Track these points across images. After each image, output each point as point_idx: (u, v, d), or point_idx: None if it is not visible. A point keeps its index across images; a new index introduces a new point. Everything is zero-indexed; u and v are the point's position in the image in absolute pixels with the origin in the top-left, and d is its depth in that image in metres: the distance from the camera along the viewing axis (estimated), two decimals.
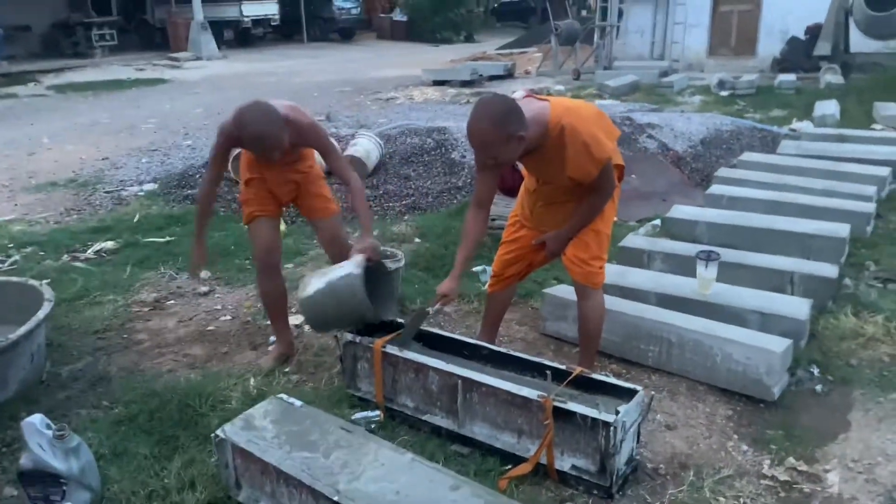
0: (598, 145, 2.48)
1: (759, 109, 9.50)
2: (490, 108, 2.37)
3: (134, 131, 9.33)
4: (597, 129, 2.51)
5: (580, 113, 2.53)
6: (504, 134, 2.36)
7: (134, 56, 19.23)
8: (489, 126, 2.36)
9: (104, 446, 2.57)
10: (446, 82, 13.30)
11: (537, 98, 2.59)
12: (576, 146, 2.46)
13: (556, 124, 2.46)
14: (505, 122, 2.35)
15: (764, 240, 4.15)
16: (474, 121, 2.39)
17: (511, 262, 3.01)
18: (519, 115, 2.37)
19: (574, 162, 2.50)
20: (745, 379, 2.87)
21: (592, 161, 2.50)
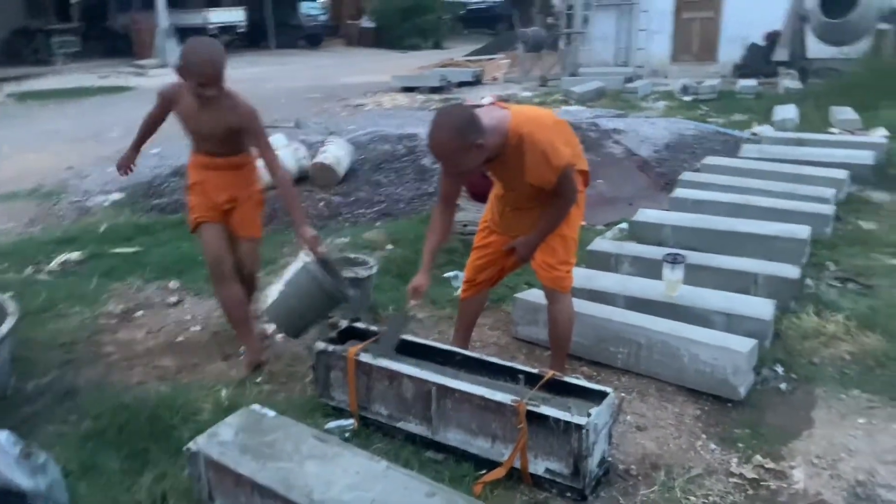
0: (555, 153, 2.54)
1: (721, 114, 9.70)
2: (448, 120, 2.43)
3: (99, 140, 9.17)
4: (555, 137, 2.58)
5: (540, 122, 2.59)
6: (463, 144, 2.41)
7: (97, 63, 18.93)
8: (448, 137, 2.41)
9: (72, 462, 2.53)
10: (415, 89, 13.33)
11: (500, 106, 2.64)
12: (534, 154, 2.53)
13: (515, 133, 2.52)
14: (463, 133, 2.40)
15: (728, 242, 4.25)
16: (434, 133, 2.45)
17: (482, 267, 3.04)
18: (476, 125, 2.42)
19: (533, 169, 2.57)
20: (713, 379, 2.94)
21: (550, 168, 2.56)
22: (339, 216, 5.58)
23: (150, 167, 7.28)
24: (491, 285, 3.17)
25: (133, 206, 5.99)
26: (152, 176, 6.84)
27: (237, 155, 3.19)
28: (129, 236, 5.16)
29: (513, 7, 22.88)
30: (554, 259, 2.82)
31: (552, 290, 2.88)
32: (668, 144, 7.33)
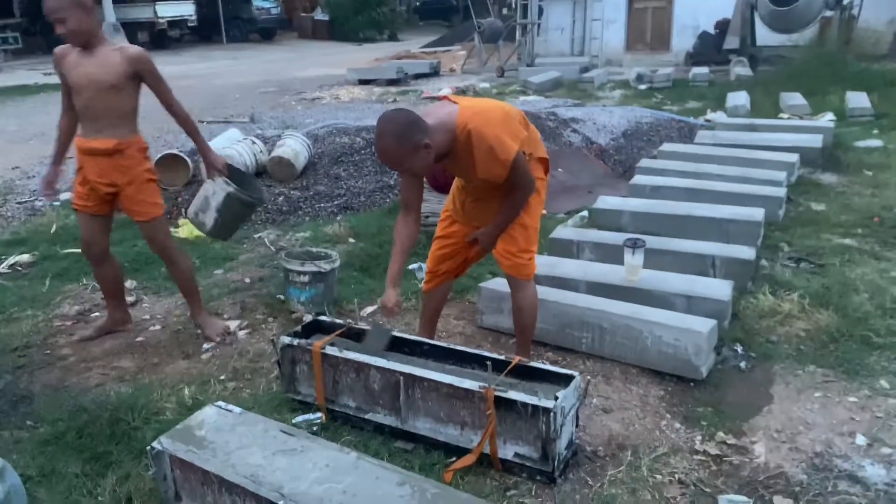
0: (502, 147, 2.54)
1: (675, 102, 9.88)
2: (390, 126, 2.43)
3: (45, 139, 8.86)
4: (501, 130, 2.57)
5: (485, 116, 2.58)
6: (408, 147, 2.41)
7: (40, 59, 18.34)
8: (393, 142, 2.41)
9: (31, 468, 2.46)
10: (372, 81, 13.25)
11: (450, 101, 2.64)
12: (481, 149, 2.54)
13: (462, 128, 2.53)
14: (406, 135, 2.40)
15: (685, 226, 4.33)
16: (379, 141, 2.45)
17: (444, 257, 3.04)
18: (419, 125, 2.42)
19: (482, 163, 2.58)
20: (675, 360, 2.99)
21: (498, 162, 2.57)
22: (299, 210, 5.51)
23: None
24: (454, 276, 3.17)
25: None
26: None
27: (118, 131, 3.15)
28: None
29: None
30: (515, 247, 2.83)
31: (514, 278, 2.90)
32: (625, 132, 7.43)
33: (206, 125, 9.37)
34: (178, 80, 14.87)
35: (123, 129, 3.17)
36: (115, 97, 3.08)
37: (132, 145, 3.21)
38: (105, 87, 3.05)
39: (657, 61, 13.63)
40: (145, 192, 3.27)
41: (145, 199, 3.27)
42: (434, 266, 3.07)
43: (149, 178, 3.29)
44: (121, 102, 3.11)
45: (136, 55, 3.09)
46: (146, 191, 3.27)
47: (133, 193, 3.24)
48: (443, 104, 2.63)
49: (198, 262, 4.48)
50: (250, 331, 3.57)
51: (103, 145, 3.14)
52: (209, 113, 10.38)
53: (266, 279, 4.20)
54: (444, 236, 3.02)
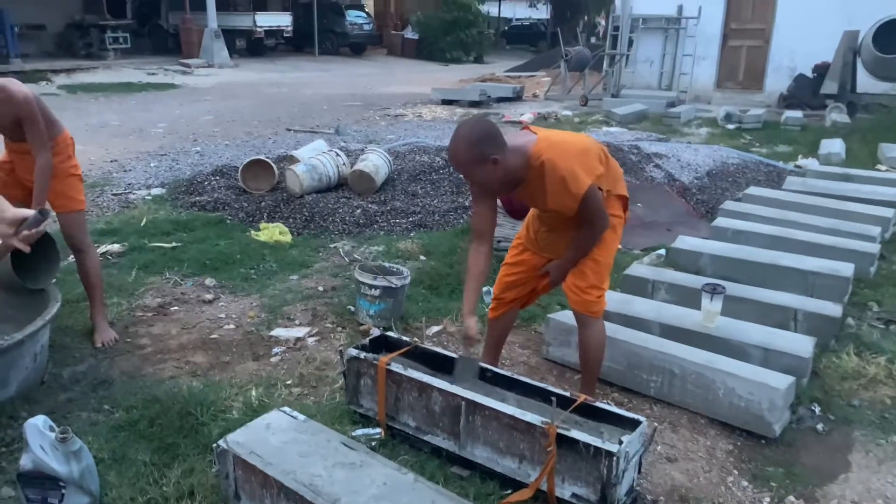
0: (574, 181, 2.53)
1: (765, 144, 9.57)
2: (468, 131, 2.47)
3: (143, 135, 9.38)
4: (576, 164, 2.56)
5: (562, 148, 2.58)
6: (478, 155, 2.44)
7: (146, 60, 19.39)
8: (465, 146, 2.45)
9: (104, 451, 2.56)
10: (455, 102, 13.41)
11: (530, 130, 2.67)
12: (554, 180, 2.54)
13: (536, 157, 2.54)
14: (479, 144, 2.43)
15: (767, 275, 4.17)
16: (453, 141, 2.50)
17: (511, 284, 3.01)
18: (494, 139, 2.45)
19: (553, 195, 2.58)
20: (747, 414, 2.87)
21: (570, 195, 2.56)
22: (375, 224, 5.61)
23: (190, 165, 7.44)
24: (521, 306, 3.15)
25: (173, 202, 6.10)
26: (193, 173, 6.98)
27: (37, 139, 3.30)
28: (168, 231, 5.25)
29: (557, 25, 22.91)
30: (584, 282, 2.79)
31: (581, 315, 2.86)
32: (709, 172, 7.25)
33: (294, 133, 9.70)
34: (271, 88, 15.51)
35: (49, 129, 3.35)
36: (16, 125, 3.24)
37: (58, 143, 3.43)
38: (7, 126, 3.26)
39: (748, 101, 13.26)
40: (66, 186, 3.47)
41: (66, 193, 3.47)
42: (500, 292, 3.05)
43: (72, 174, 3.51)
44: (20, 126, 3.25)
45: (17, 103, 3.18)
46: (68, 185, 3.48)
47: (56, 186, 3.42)
48: (524, 133, 2.65)
49: (275, 265, 4.63)
50: (319, 338, 3.64)
51: (26, 147, 3.32)
52: (297, 122, 10.74)
53: (338, 289, 4.28)
54: (514, 263, 3.00)
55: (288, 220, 5.58)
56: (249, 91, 14.78)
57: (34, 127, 3.26)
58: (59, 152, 3.44)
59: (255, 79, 17.17)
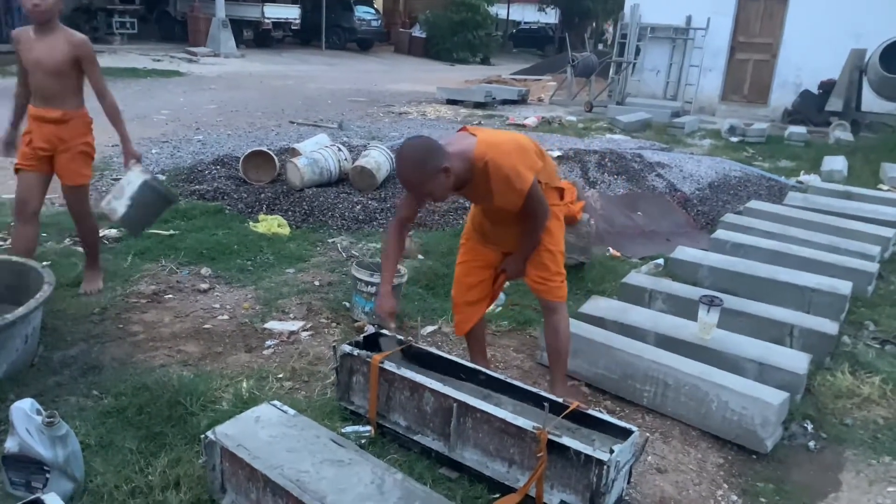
0: (518, 178, 2.64)
1: (767, 158, 9.56)
2: (411, 151, 2.55)
3: (146, 121, 9.34)
4: (517, 161, 2.67)
5: (503, 148, 2.68)
6: (428, 171, 2.52)
7: (152, 46, 19.34)
8: (413, 166, 2.53)
9: (90, 437, 2.54)
10: (460, 102, 13.38)
11: (469, 132, 2.75)
12: (498, 179, 2.64)
13: (480, 159, 2.62)
14: (426, 161, 2.51)
15: (765, 289, 4.16)
16: (399, 165, 2.58)
17: (471, 284, 3.03)
18: (438, 152, 2.53)
19: (499, 193, 2.68)
20: (739, 428, 2.86)
21: (515, 192, 2.67)
22: (374, 221, 5.58)
23: (192, 153, 7.41)
24: (486, 307, 3.14)
25: (173, 189, 6.06)
26: (194, 161, 6.95)
27: (65, 104, 3.55)
28: (166, 219, 5.19)
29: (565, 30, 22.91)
30: (547, 272, 2.92)
31: (549, 301, 2.96)
32: (711, 183, 7.24)
33: (297, 126, 9.67)
34: (277, 80, 15.47)
35: (70, 102, 3.57)
36: (64, 70, 3.49)
37: (76, 118, 3.61)
38: (52, 67, 3.46)
39: (752, 114, 13.26)
40: (77, 161, 3.64)
41: (74, 167, 3.65)
42: (463, 295, 3.05)
43: (83, 150, 3.67)
44: (66, 81, 3.52)
45: (79, 43, 3.50)
46: (78, 160, 3.65)
47: (66, 160, 3.62)
48: (463, 135, 2.76)
49: (272, 258, 4.61)
50: (313, 333, 3.62)
51: (50, 114, 3.54)
52: (301, 115, 10.71)
53: (335, 284, 4.26)
54: (468, 261, 3.06)
55: (287, 212, 5.56)
56: (255, 82, 14.74)
57: (96, 68, 3.58)
58: (75, 126, 3.61)
59: (261, 70, 17.12)
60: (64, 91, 3.54)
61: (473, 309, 3.07)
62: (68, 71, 3.50)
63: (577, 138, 9.91)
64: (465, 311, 3.07)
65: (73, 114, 3.59)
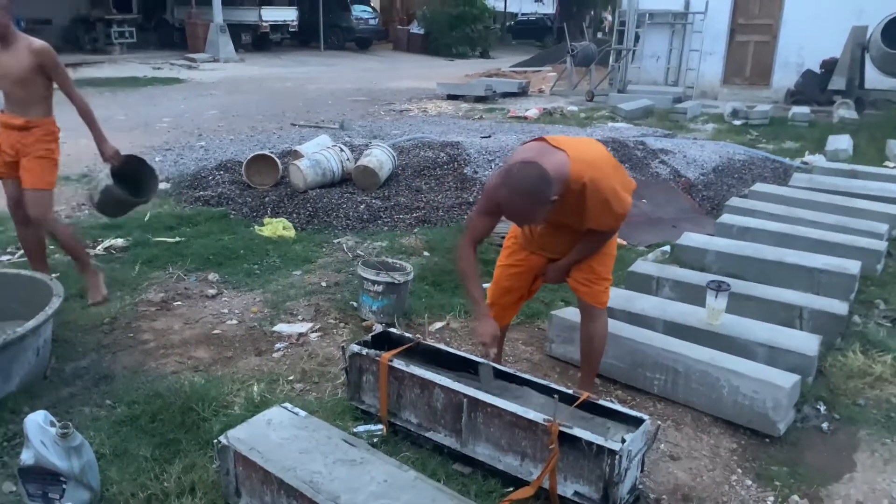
0: (618, 201, 2.55)
1: (771, 140, 9.51)
2: (523, 182, 2.37)
3: (148, 129, 9.38)
4: (616, 182, 2.56)
5: (599, 167, 2.55)
6: (540, 203, 2.39)
7: (151, 54, 19.38)
8: (526, 199, 2.38)
9: (105, 446, 2.56)
10: (460, 97, 13.37)
11: (553, 145, 2.57)
12: (596, 202, 2.52)
13: (577, 180, 2.49)
14: (538, 192, 2.37)
15: (773, 272, 4.14)
16: (511, 195, 2.40)
17: (509, 289, 2.97)
18: (549, 181, 2.38)
19: (594, 215, 2.56)
20: (751, 413, 2.85)
21: (612, 215, 2.58)
22: (378, 220, 5.59)
23: (195, 159, 7.43)
24: (513, 312, 3.12)
25: (177, 197, 6.10)
26: (197, 168, 6.97)
27: (29, 112, 3.65)
28: (171, 226, 5.24)
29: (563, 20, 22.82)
30: (592, 275, 2.79)
31: (590, 306, 2.84)
32: (715, 168, 7.20)
33: (298, 128, 9.68)
34: (277, 83, 15.48)
35: (35, 111, 3.67)
36: (30, 78, 3.58)
37: (40, 125, 3.70)
38: (17, 76, 3.56)
39: (755, 97, 13.19)
40: (37, 165, 3.71)
41: (34, 171, 3.71)
42: (499, 297, 3.00)
43: (43, 156, 3.73)
44: (32, 90, 3.61)
45: (39, 48, 3.57)
46: (38, 164, 3.72)
47: (26, 164, 3.71)
48: (547, 149, 2.55)
49: (278, 261, 4.62)
50: (322, 334, 3.63)
51: (14, 121, 3.67)
52: (302, 116, 10.72)
53: (341, 284, 4.27)
54: (511, 265, 2.96)
55: (292, 215, 5.57)
56: (255, 86, 14.76)
57: (61, 72, 3.66)
58: (37, 133, 3.70)
59: (261, 73, 17.14)
60: (29, 99, 3.63)
61: (508, 310, 3.04)
62: (33, 78, 3.59)
63: (580, 128, 9.88)
64: (498, 311, 2.99)
65: (37, 122, 3.68)
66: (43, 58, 3.57)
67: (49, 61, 3.60)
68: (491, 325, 2.68)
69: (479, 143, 7.42)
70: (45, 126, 3.72)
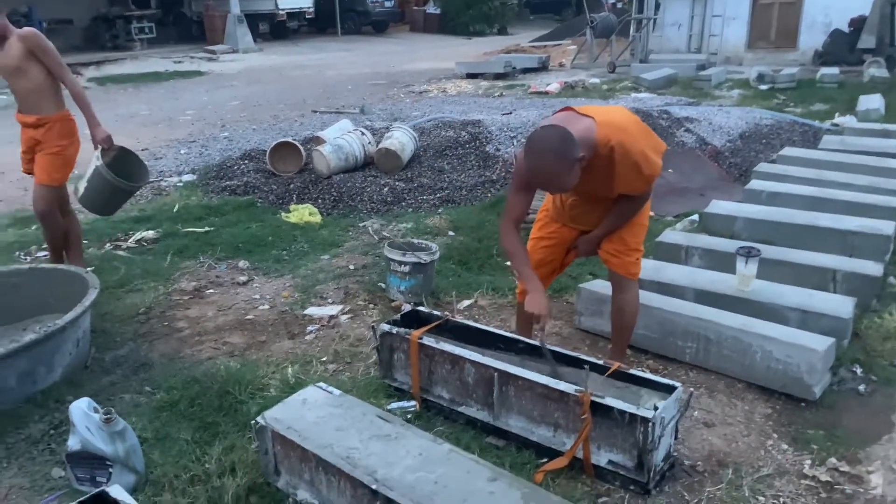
0: (647, 163, 2.49)
1: (799, 104, 9.31)
2: (546, 143, 2.35)
3: (172, 123, 9.49)
4: (645, 146, 2.51)
5: (628, 130, 2.50)
6: (568, 163, 2.34)
7: (172, 48, 19.54)
8: (552, 159, 2.34)
9: (147, 431, 2.64)
10: (480, 75, 13.28)
11: (579, 112, 2.54)
12: (626, 165, 2.47)
13: (604, 143, 2.44)
14: (564, 151, 2.33)
15: (805, 236, 4.08)
16: (534, 158, 2.38)
17: (542, 261, 2.94)
18: (573, 141, 2.35)
19: (623, 179, 2.51)
20: (786, 377, 2.83)
21: (642, 178, 2.52)
22: (402, 202, 5.61)
23: (219, 150, 7.52)
24: (547, 283, 3.11)
25: (204, 188, 6.17)
26: (223, 158, 7.04)
27: (40, 109, 3.70)
28: (200, 216, 5.32)
29: None
30: (623, 246, 2.76)
31: (621, 277, 2.81)
32: (742, 134, 7.08)
33: (319, 115, 9.72)
34: (296, 70, 15.53)
35: (45, 107, 3.72)
36: (27, 78, 3.62)
37: (53, 121, 3.75)
38: (13, 70, 3.60)
39: (781, 60, 12.88)
40: (46, 161, 3.78)
41: (43, 167, 3.78)
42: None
43: (53, 153, 3.78)
44: (32, 81, 3.64)
45: (25, 33, 3.59)
46: (47, 160, 3.78)
47: (38, 159, 3.79)
48: (573, 116, 2.52)
49: (306, 246, 4.67)
50: (352, 316, 3.67)
51: (28, 119, 3.75)
52: (322, 103, 10.75)
53: (369, 266, 4.30)
54: (543, 237, 2.94)
55: (317, 200, 5.62)
56: (274, 75, 14.82)
57: (52, 57, 3.63)
58: (50, 129, 3.73)
59: (280, 62, 17.20)
60: (37, 94, 3.67)
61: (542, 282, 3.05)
62: (29, 68, 3.60)
63: (602, 100, 9.77)
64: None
65: (49, 118, 3.73)
66: (29, 42, 3.57)
67: (35, 45, 3.58)
68: (544, 299, 2.61)
69: (500, 120, 7.39)
70: (59, 121, 3.77)
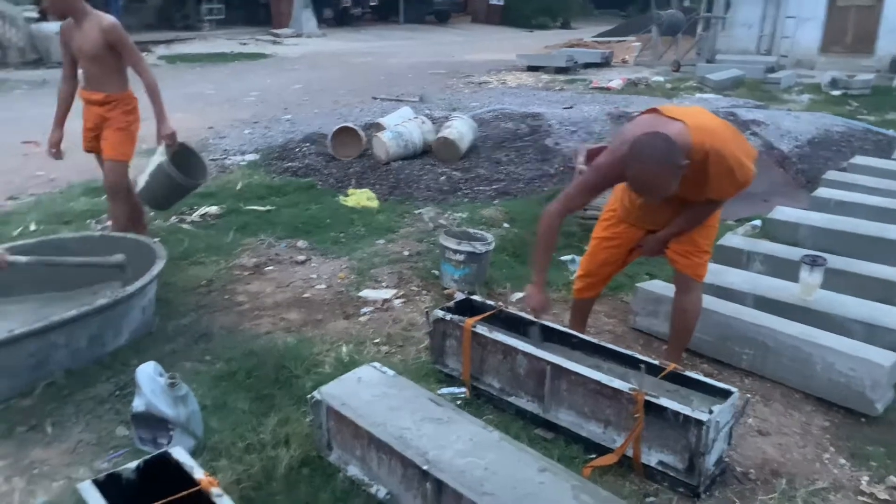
0: (741, 170, 2.47)
1: (873, 111, 8.96)
2: (651, 151, 2.33)
3: (236, 103, 9.71)
4: (738, 151, 2.48)
5: (721, 135, 2.47)
6: (673, 172, 2.34)
7: (238, 30, 19.95)
8: (659, 169, 2.33)
9: (206, 398, 2.73)
10: (541, 68, 13.19)
11: (667, 115, 2.50)
12: (720, 171, 2.45)
13: (699, 149, 2.41)
14: (669, 160, 2.32)
15: (872, 248, 3.95)
16: (640, 167, 2.35)
17: (605, 261, 2.94)
18: (678, 148, 2.33)
19: (717, 185, 2.50)
20: (847, 391, 2.75)
21: (735, 184, 2.51)
22: (459, 191, 5.63)
23: (282, 132, 7.66)
24: (606, 283, 3.10)
25: (266, 168, 6.31)
26: (285, 140, 7.18)
27: (107, 87, 3.82)
28: (262, 195, 5.45)
29: None
30: (693, 247, 2.74)
31: (687, 279, 2.78)
32: (811, 140, 6.86)
33: (380, 102, 9.80)
34: (358, 57, 15.68)
35: (112, 86, 3.84)
36: (103, 52, 3.73)
37: (118, 100, 3.87)
38: (91, 51, 3.71)
39: (856, 65, 12.40)
40: (115, 137, 3.88)
41: (112, 142, 3.88)
42: (592, 269, 2.98)
43: (121, 128, 3.89)
44: (105, 66, 3.77)
45: (107, 26, 3.70)
46: (116, 136, 3.88)
47: (106, 134, 3.89)
48: (662, 120, 2.48)
49: (363, 230, 4.74)
50: (405, 300, 3.72)
51: (94, 97, 3.85)
52: (383, 90, 10.84)
53: (423, 253, 4.34)
54: (609, 237, 2.92)
55: (375, 186, 5.69)
56: (336, 60, 15.00)
57: (129, 49, 3.77)
58: (116, 107, 3.87)
59: (342, 48, 17.40)
60: (105, 74, 3.79)
61: (601, 282, 3.04)
62: (105, 55, 3.73)
63: (665, 99, 9.58)
64: (590, 281, 3.00)
65: (115, 97, 3.86)
66: (110, 35, 3.69)
67: (117, 39, 3.71)
68: (542, 297, 2.73)
69: (560, 113, 7.33)
70: (125, 99, 3.91)
